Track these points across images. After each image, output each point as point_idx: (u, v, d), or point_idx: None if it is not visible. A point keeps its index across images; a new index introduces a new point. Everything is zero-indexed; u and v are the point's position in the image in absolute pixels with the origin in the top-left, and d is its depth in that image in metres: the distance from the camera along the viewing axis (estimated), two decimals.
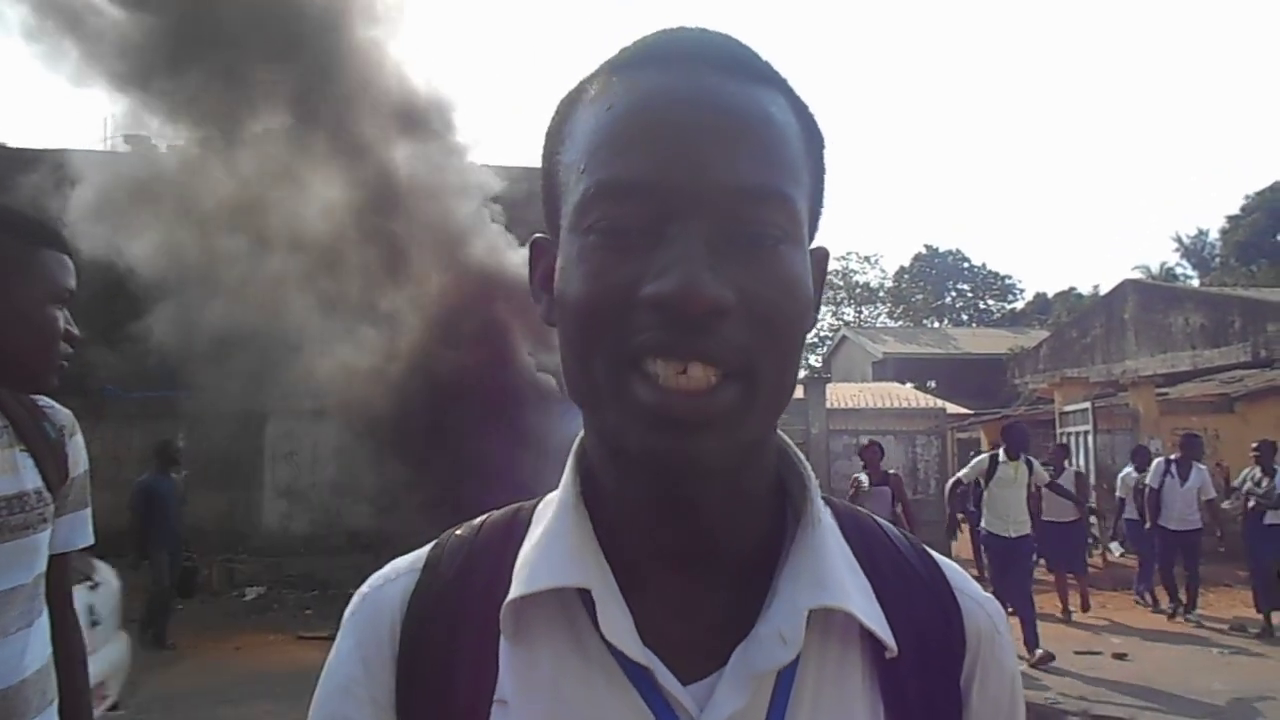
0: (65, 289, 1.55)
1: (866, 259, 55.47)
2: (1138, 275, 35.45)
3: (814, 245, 0.67)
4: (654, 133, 0.57)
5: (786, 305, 0.58)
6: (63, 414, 1.70)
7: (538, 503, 0.69)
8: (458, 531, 0.71)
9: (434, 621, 0.66)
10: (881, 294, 54.90)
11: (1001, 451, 7.67)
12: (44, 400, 1.68)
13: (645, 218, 0.56)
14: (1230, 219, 43.32)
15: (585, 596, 0.61)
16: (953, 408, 21.13)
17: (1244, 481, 9.42)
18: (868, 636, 0.63)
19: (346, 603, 0.71)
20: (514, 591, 0.61)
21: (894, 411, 16.25)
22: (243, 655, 8.15)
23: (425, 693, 0.64)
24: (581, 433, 0.68)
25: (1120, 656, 7.77)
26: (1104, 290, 26.96)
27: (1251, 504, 9.12)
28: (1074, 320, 26.22)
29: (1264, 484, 9.11)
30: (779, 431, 0.69)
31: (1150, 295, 21.96)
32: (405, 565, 0.70)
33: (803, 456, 0.69)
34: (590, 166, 0.59)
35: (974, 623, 0.68)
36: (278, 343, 10.95)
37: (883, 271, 55.71)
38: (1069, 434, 14.43)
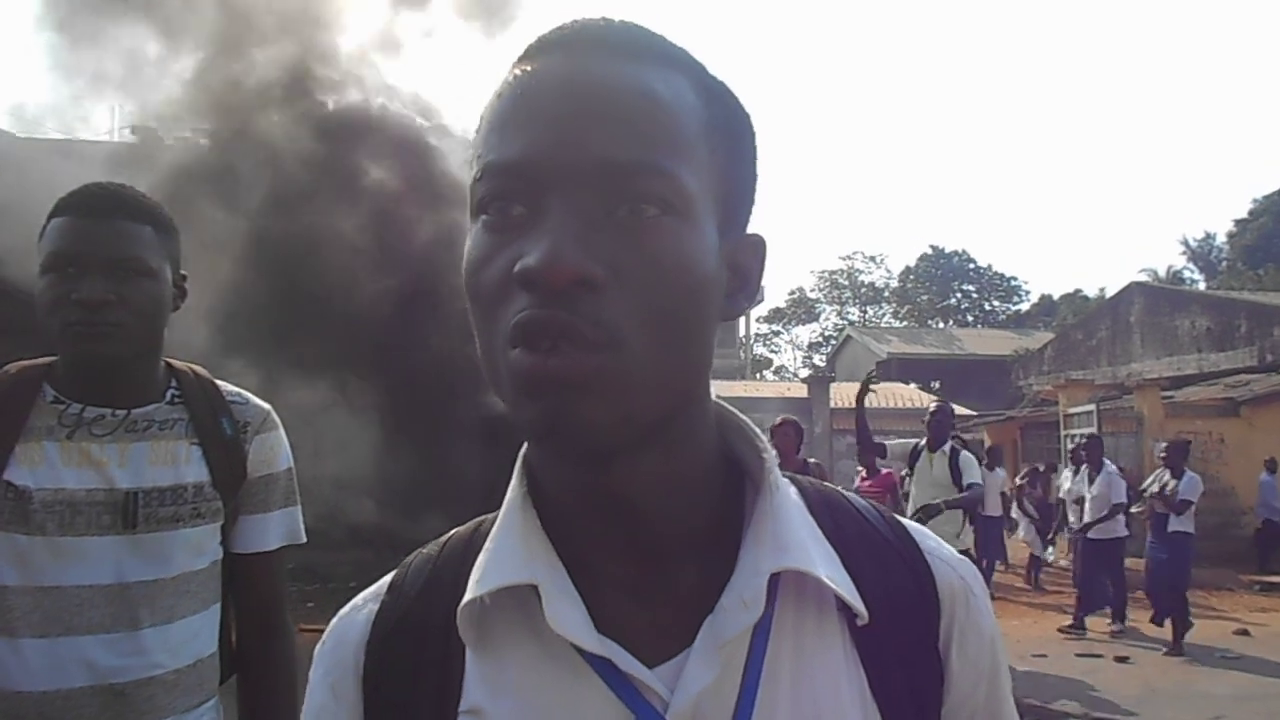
0: (56, 254, 1.45)
1: (872, 259, 55.47)
2: (1144, 278, 35.34)
3: (750, 232, 0.66)
4: (530, 114, 0.58)
5: (669, 279, 0.57)
6: (253, 410, 1.65)
7: (498, 514, 0.69)
8: (424, 550, 0.72)
9: (397, 639, 0.66)
10: (887, 294, 54.89)
11: (925, 441, 6.74)
12: (236, 395, 1.65)
13: (523, 196, 0.57)
14: (1237, 223, 43.23)
15: (539, 593, 0.61)
16: (957, 408, 21.12)
17: (1151, 484, 8.63)
18: (844, 608, 0.63)
19: (348, 596, 0.72)
20: (466, 595, 0.61)
21: (897, 411, 16.26)
22: None
23: (391, 710, 0.64)
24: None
25: (1122, 660, 7.75)
26: (1110, 293, 26.93)
27: (1139, 508, 8.46)
28: (1079, 322, 26.17)
29: (1170, 487, 8.27)
30: (727, 408, 0.68)
31: (1156, 298, 21.90)
32: (371, 592, 0.71)
33: (756, 429, 0.69)
34: (481, 152, 0.60)
35: (947, 584, 0.67)
36: (277, 333, 10.97)
37: (888, 271, 55.72)
38: (1073, 436, 14.36)
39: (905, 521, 0.72)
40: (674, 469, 0.62)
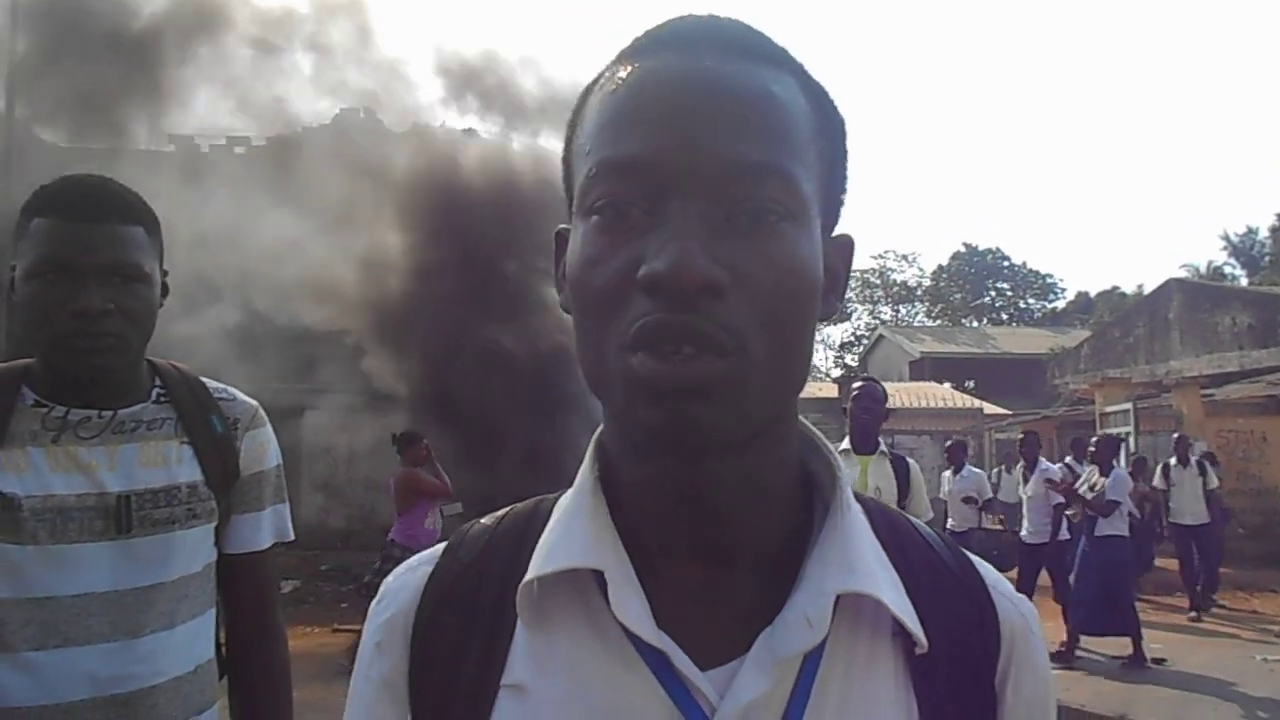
0: (50, 259, 1.37)
1: (904, 257, 55.12)
2: (1184, 274, 34.70)
3: (837, 233, 0.67)
4: (652, 112, 0.58)
5: (786, 284, 0.57)
6: (241, 406, 1.61)
7: (561, 494, 0.70)
8: (482, 521, 0.72)
9: (449, 605, 0.67)
10: (919, 293, 54.31)
11: (847, 444, 4.75)
12: (224, 391, 1.60)
13: (644, 196, 0.57)
14: None
15: (601, 580, 0.61)
16: (990, 408, 20.88)
17: (1082, 483, 8.11)
18: (900, 632, 0.62)
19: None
20: (530, 574, 0.62)
21: (930, 411, 16.11)
22: None
23: (434, 674, 0.65)
24: (602, 424, 0.69)
25: (1159, 661, 7.63)
26: (1148, 289, 26.44)
27: (1072, 511, 7.92)
28: (1116, 320, 25.71)
29: (1098, 486, 7.79)
30: (804, 422, 0.68)
31: (1196, 294, 21.47)
32: (427, 555, 0.72)
33: (830, 446, 0.69)
34: (594, 148, 0.60)
35: (1008, 621, 0.67)
36: (316, 337, 11.13)
37: (921, 270, 55.13)
38: (1109, 435, 14.15)
39: (968, 554, 0.71)
40: (758, 474, 0.63)
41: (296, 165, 11.91)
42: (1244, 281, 39.13)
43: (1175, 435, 11.05)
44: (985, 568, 0.70)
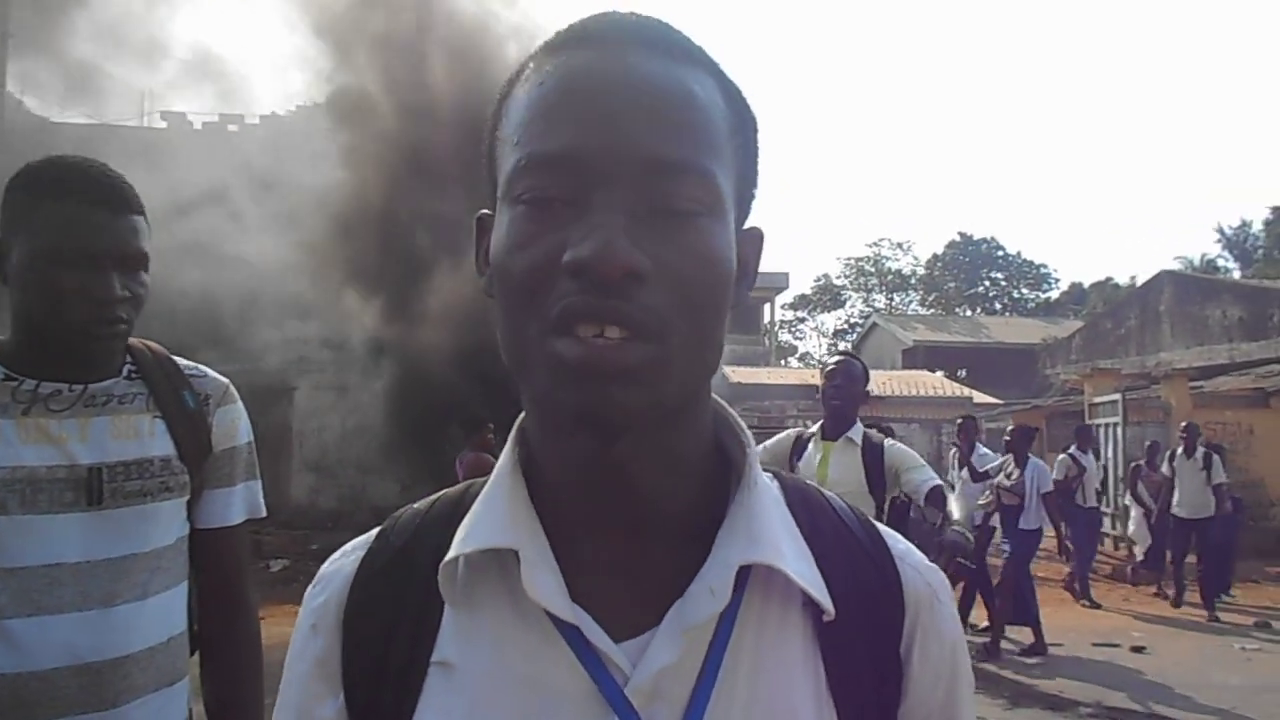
0: (69, 246, 1.40)
1: (899, 245, 54.86)
2: (1178, 266, 34.79)
3: (749, 225, 0.69)
4: (579, 108, 0.60)
5: (704, 276, 0.60)
6: (212, 383, 1.63)
7: (488, 478, 0.72)
8: (414, 506, 0.75)
9: (379, 584, 0.70)
10: (913, 281, 54.30)
11: (818, 427, 4.14)
12: (194, 368, 1.62)
13: (569, 188, 0.59)
14: (1274, 209, 42.26)
15: (518, 559, 0.63)
16: (981, 397, 20.96)
17: (1000, 474, 7.91)
18: (810, 602, 0.65)
19: None
20: (450, 553, 0.64)
21: (920, 399, 16.17)
22: (268, 624, 8.27)
23: (365, 654, 0.68)
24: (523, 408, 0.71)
25: (1139, 649, 7.72)
26: (1141, 281, 26.51)
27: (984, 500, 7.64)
28: (1108, 311, 25.82)
29: (1014, 477, 7.70)
30: (719, 400, 0.71)
31: (1187, 287, 21.55)
32: (360, 540, 0.74)
33: (743, 423, 0.71)
34: (521, 140, 0.61)
35: (913, 590, 0.70)
36: (306, 316, 11.13)
37: (915, 258, 55.07)
38: (1098, 425, 14.24)
39: (879, 525, 0.74)
40: (672, 450, 0.65)
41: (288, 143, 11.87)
42: (1237, 274, 39.23)
43: (1183, 425, 10.56)
44: (895, 539, 0.73)
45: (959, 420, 9.15)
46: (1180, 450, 9.97)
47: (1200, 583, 9.57)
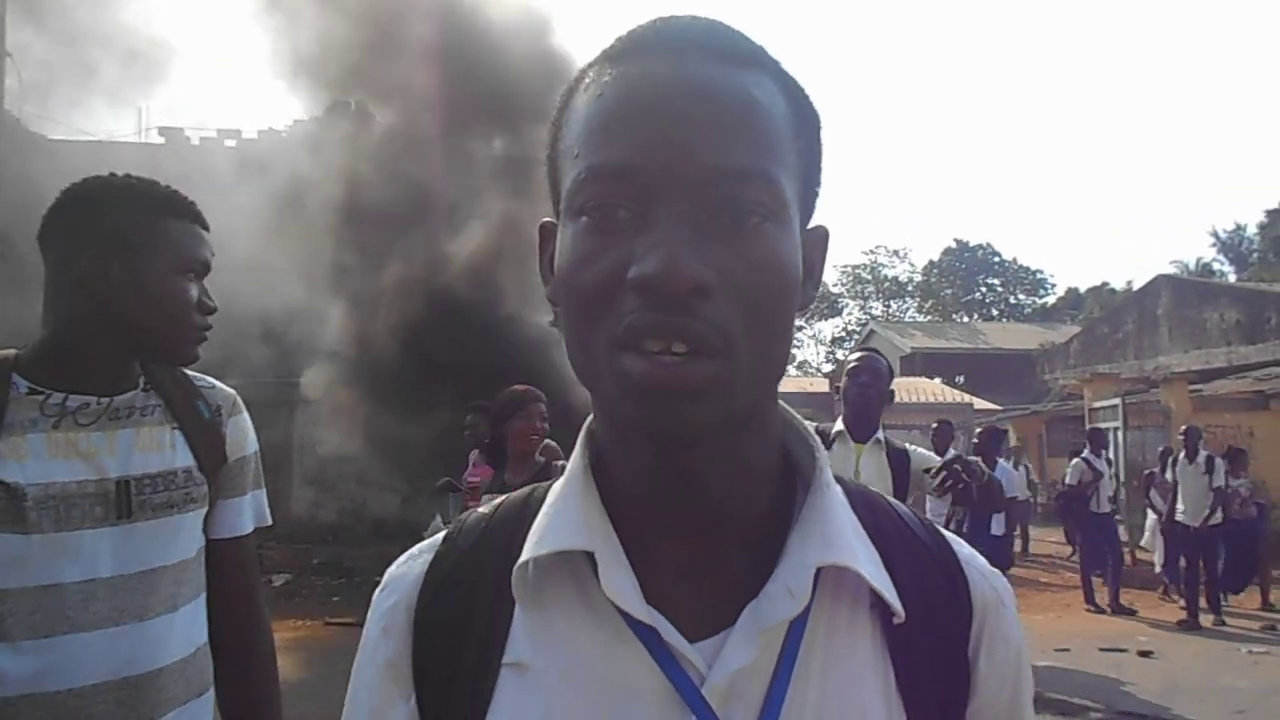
0: (194, 259, 1.53)
1: (895, 253, 55.32)
2: (1173, 271, 34.91)
3: (813, 225, 0.69)
4: (639, 118, 0.60)
5: (770, 284, 0.60)
6: (222, 394, 1.66)
7: (553, 482, 0.72)
8: (479, 510, 0.75)
9: (449, 589, 0.70)
10: (910, 288, 54.50)
11: (842, 427, 3.78)
12: (203, 380, 1.65)
13: (631, 200, 0.59)
14: (1269, 214, 42.49)
15: (593, 561, 0.63)
16: (980, 403, 20.98)
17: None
18: (878, 604, 0.65)
19: (373, 589, 0.76)
20: (524, 556, 0.65)
21: (920, 406, 16.17)
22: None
23: (438, 656, 0.68)
24: (591, 413, 0.71)
25: (1146, 654, 7.70)
26: (1138, 285, 26.58)
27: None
28: (1105, 316, 25.87)
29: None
30: (784, 405, 0.71)
31: (1184, 291, 21.61)
32: (427, 544, 0.75)
33: (810, 429, 0.72)
34: (582, 152, 0.61)
35: (980, 594, 0.70)
36: (306, 333, 11.12)
37: (912, 265, 55.38)
38: (1096, 429, 14.25)
39: (942, 530, 0.74)
40: (743, 456, 0.65)
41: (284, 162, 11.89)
42: (1232, 278, 39.39)
43: (1185, 427, 10.23)
44: (959, 544, 0.73)
45: (934, 425, 8.43)
46: (1182, 455, 9.70)
47: (1207, 587, 9.43)
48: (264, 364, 11.29)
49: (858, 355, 3.95)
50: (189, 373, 1.64)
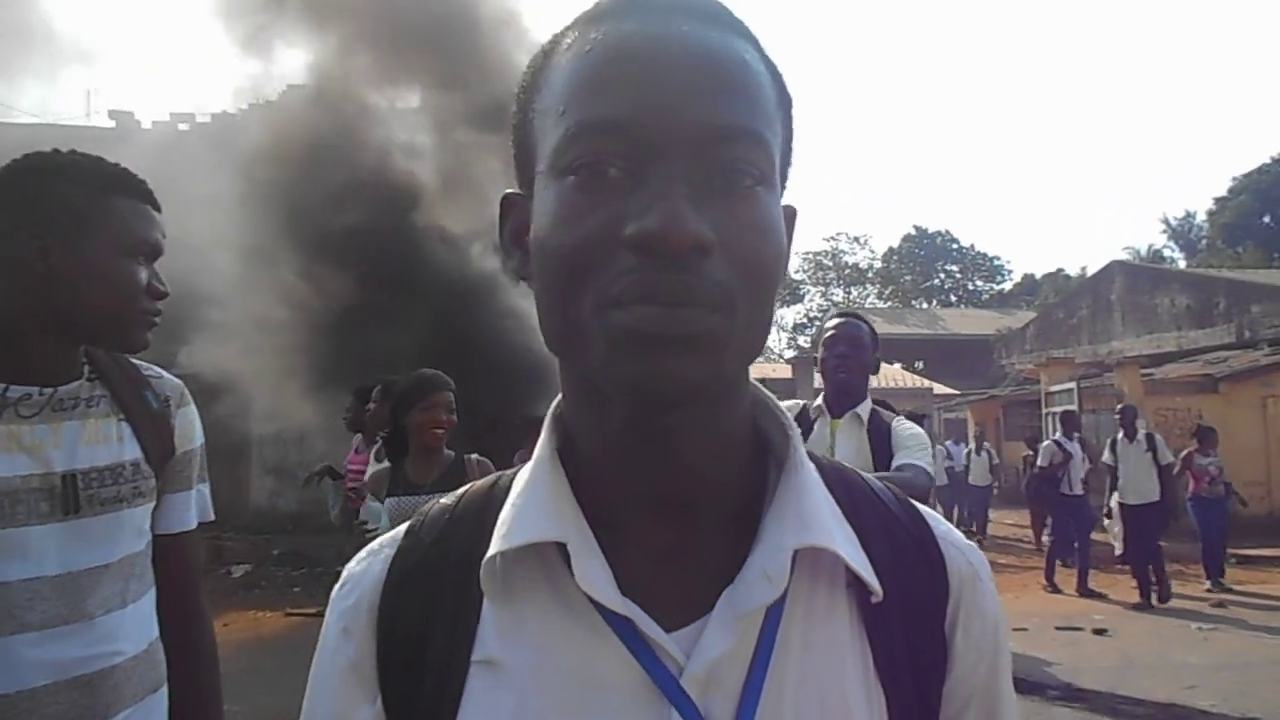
0: (143, 241, 1.45)
1: (856, 240, 55.69)
2: (1126, 257, 35.61)
3: (784, 203, 0.67)
4: (635, 73, 0.57)
5: (763, 248, 0.58)
6: (170, 384, 1.60)
7: (518, 470, 0.70)
8: (442, 501, 0.73)
9: (412, 586, 0.67)
10: (870, 275, 55.01)
11: (821, 401, 3.47)
12: (151, 369, 1.59)
13: (625, 156, 0.56)
14: (1217, 201, 43.53)
15: (564, 551, 0.61)
16: (940, 388, 21.27)
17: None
18: (855, 583, 0.64)
19: (333, 580, 0.73)
20: (492, 549, 0.62)
21: (880, 391, 16.32)
22: (231, 630, 8.16)
23: (403, 656, 0.65)
24: (558, 396, 0.69)
25: (1100, 632, 7.88)
26: (1092, 271, 27.12)
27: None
28: (1061, 301, 26.33)
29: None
30: (755, 384, 0.69)
31: (1137, 276, 22.06)
32: (388, 538, 0.72)
33: (782, 407, 0.70)
34: (571, 108, 0.58)
35: (956, 569, 0.69)
36: (263, 320, 10.92)
37: (872, 252, 55.88)
38: (1054, 414, 14.51)
39: (918, 505, 0.72)
40: (718, 430, 0.64)
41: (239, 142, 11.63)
42: (1182, 264, 40.30)
43: (1120, 406, 10.03)
44: (935, 519, 0.72)
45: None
46: (1120, 435, 9.43)
47: (1135, 564, 9.29)
48: (219, 349, 11.07)
49: (835, 322, 3.51)
50: (136, 361, 1.58)
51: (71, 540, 1.39)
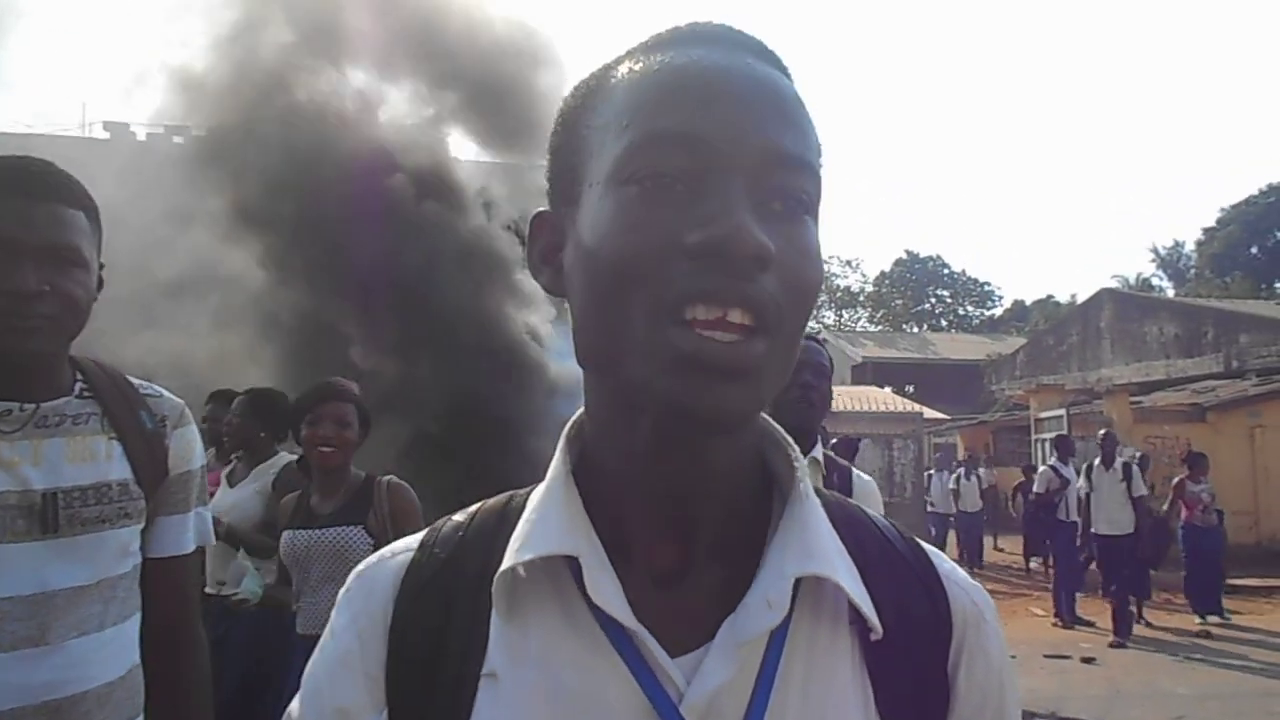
0: (4, 238, 1.31)
1: (848, 263, 55.85)
2: (1115, 285, 35.85)
3: None
4: (703, 92, 0.59)
5: (811, 273, 0.60)
6: (169, 404, 1.55)
7: (532, 488, 0.70)
8: (454, 516, 0.73)
9: (426, 597, 0.67)
10: (862, 298, 55.28)
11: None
12: (150, 388, 1.55)
13: (689, 168, 0.58)
14: (1206, 231, 43.94)
15: (574, 567, 0.61)
16: (930, 412, 21.29)
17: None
18: (857, 619, 0.63)
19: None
20: (506, 562, 0.62)
21: (871, 415, 16.34)
22: None
23: (415, 666, 0.65)
24: (577, 413, 0.69)
25: (1088, 660, 7.86)
26: (1081, 299, 27.26)
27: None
28: (1051, 328, 26.47)
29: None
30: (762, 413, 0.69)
31: (1126, 305, 22.20)
32: (401, 546, 0.72)
33: (788, 436, 0.70)
34: (636, 120, 0.60)
35: (961, 609, 0.68)
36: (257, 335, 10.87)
37: (863, 276, 56.23)
38: (1045, 439, 14.54)
39: (923, 543, 0.72)
40: (735, 458, 0.64)
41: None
42: (1171, 293, 40.61)
43: (1103, 432, 9.57)
44: (940, 557, 0.71)
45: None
46: (1098, 461, 8.97)
47: (1136, 594, 9.13)
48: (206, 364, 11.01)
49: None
50: (134, 380, 1.54)
51: (48, 560, 1.34)
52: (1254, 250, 40.79)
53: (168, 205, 10.42)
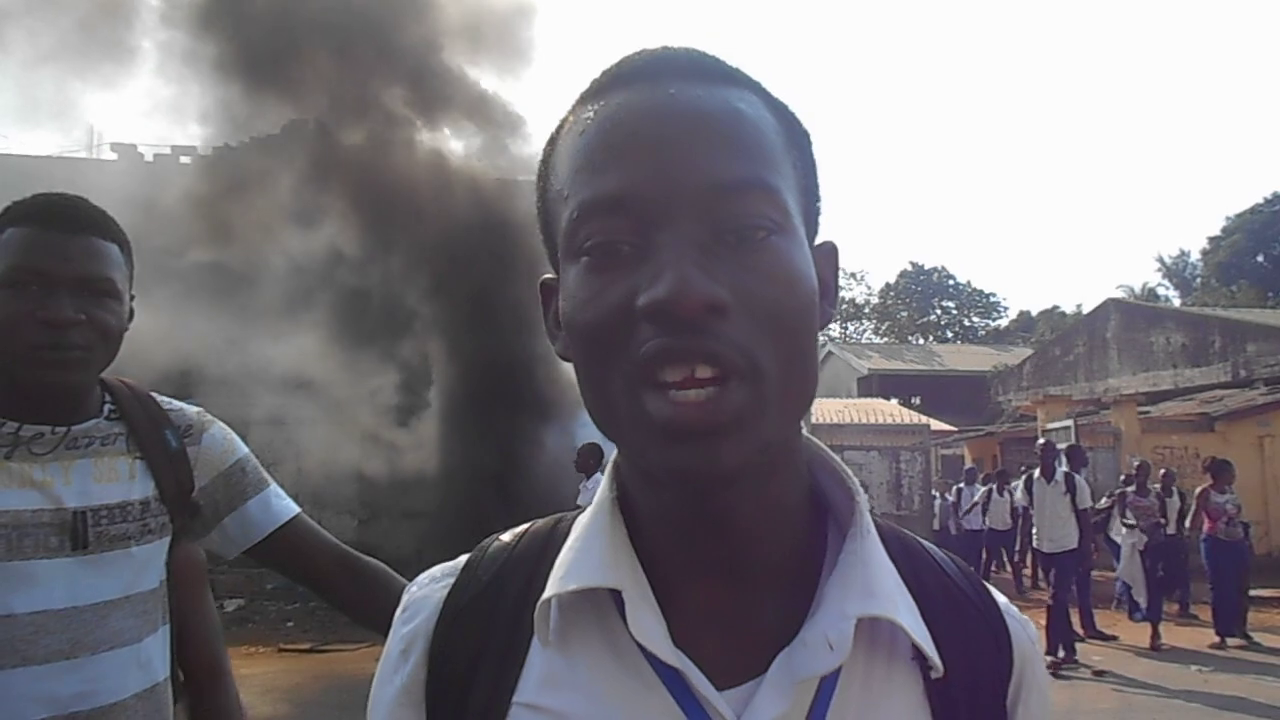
0: (23, 268, 1.35)
1: (853, 275, 55.68)
2: (1120, 295, 35.78)
3: (819, 241, 0.67)
4: (625, 146, 0.58)
5: (787, 298, 0.57)
6: (189, 414, 1.59)
7: (579, 513, 0.69)
8: (502, 537, 0.72)
9: (466, 621, 0.67)
10: (867, 310, 55.19)
11: None
12: (171, 404, 1.58)
13: (631, 230, 0.56)
14: (1211, 240, 43.82)
15: (619, 600, 0.61)
16: (937, 424, 21.25)
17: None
18: (917, 656, 0.62)
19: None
20: (548, 591, 0.62)
21: (878, 427, 16.34)
22: None
23: (450, 689, 0.66)
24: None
25: (1101, 674, 7.80)
26: (1087, 309, 27.22)
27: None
28: (1057, 338, 26.43)
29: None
30: (811, 439, 0.68)
31: (1132, 314, 22.18)
32: (448, 568, 0.72)
33: (846, 467, 0.68)
34: (572, 191, 0.59)
35: (1019, 644, 0.68)
36: (258, 352, 10.92)
37: (868, 288, 56.15)
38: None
39: (976, 575, 0.72)
40: (772, 494, 0.62)
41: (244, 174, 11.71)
42: (1177, 302, 40.51)
43: (1041, 443, 8.97)
44: (995, 591, 0.71)
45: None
46: (1037, 473, 8.50)
47: (1081, 614, 8.87)
48: (220, 382, 11.05)
49: None
50: (157, 397, 1.58)
51: (80, 576, 1.39)
52: (1260, 259, 40.67)
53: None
